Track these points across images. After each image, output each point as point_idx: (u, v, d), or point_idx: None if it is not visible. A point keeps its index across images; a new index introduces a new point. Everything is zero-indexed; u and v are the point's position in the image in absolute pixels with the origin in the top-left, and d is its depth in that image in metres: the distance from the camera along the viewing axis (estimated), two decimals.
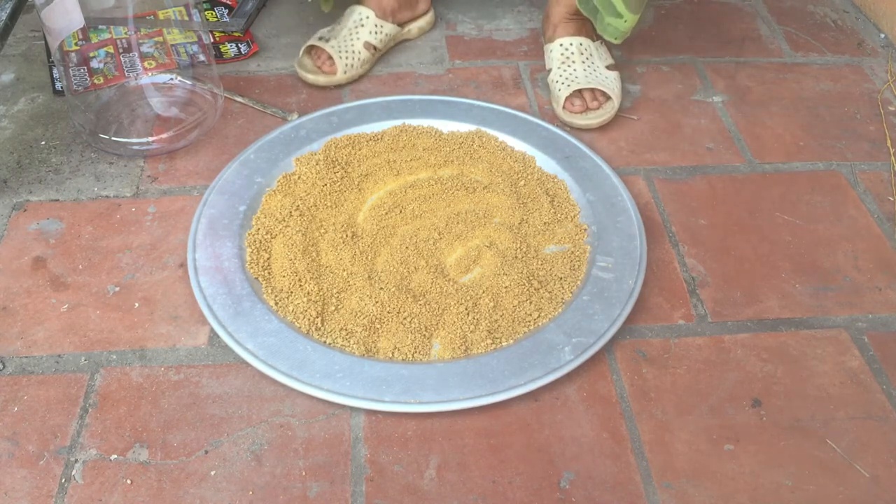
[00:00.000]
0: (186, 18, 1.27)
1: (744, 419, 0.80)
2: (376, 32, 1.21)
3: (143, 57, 1.19)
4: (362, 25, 1.20)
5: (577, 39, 1.15)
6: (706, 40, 1.33)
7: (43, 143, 1.09)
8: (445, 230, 0.96)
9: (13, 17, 1.06)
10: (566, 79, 1.13)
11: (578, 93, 1.13)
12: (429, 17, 1.32)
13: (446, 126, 1.11)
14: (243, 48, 1.25)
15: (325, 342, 0.84)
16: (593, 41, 1.16)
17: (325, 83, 1.17)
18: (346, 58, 1.17)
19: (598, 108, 1.12)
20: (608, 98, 1.13)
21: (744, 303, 0.91)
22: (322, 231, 0.95)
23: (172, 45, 1.21)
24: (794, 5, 1.43)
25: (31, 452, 0.75)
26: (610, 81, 1.13)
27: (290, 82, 1.20)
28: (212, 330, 0.86)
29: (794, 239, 0.99)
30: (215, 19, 1.30)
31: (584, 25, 1.17)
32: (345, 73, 1.18)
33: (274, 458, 0.76)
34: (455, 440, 0.77)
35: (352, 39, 1.19)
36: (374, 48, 1.22)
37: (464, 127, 1.10)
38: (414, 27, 1.29)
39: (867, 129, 1.16)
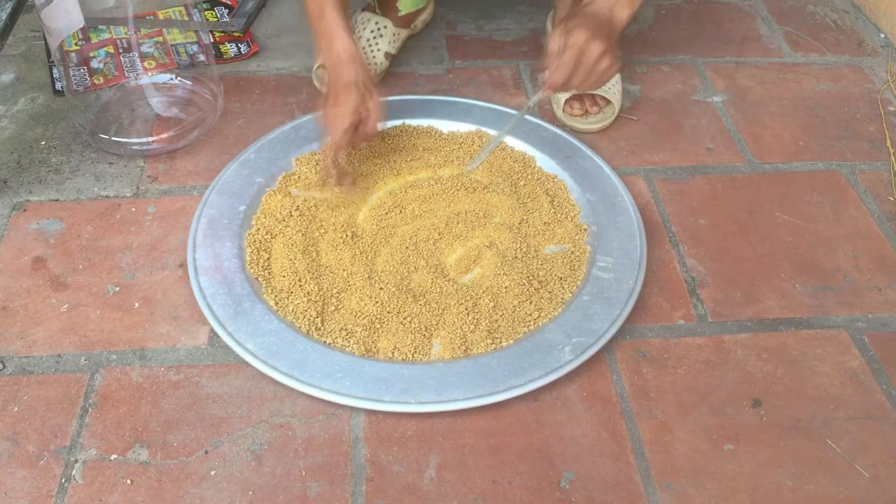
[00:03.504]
0: (186, 18, 1.27)
1: (744, 419, 0.80)
2: (394, 41, 1.21)
3: (143, 57, 1.19)
4: (381, 36, 1.19)
5: None
6: (706, 40, 1.33)
7: (43, 143, 1.09)
8: (445, 230, 0.96)
9: (13, 17, 1.06)
10: None
11: (578, 96, 1.13)
12: (430, 9, 1.32)
13: (446, 126, 1.11)
14: (243, 48, 1.25)
15: (325, 342, 0.84)
16: None
17: None
18: (370, 71, 1.16)
19: (598, 113, 1.12)
20: (608, 102, 1.13)
21: (744, 303, 0.91)
22: (322, 231, 0.95)
23: (172, 45, 1.21)
24: (794, 5, 1.43)
25: (31, 452, 0.75)
26: (611, 86, 1.13)
27: (290, 82, 1.20)
28: (212, 330, 0.86)
29: (794, 239, 0.99)
30: (215, 19, 1.30)
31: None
32: None
33: (274, 458, 0.76)
34: (455, 440, 0.77)
35: (372, 51, 1.18)
36: (392, 56, 1.22)
37: (464, 127, 1.10)
38: (419, 21, 1.29)
39: (867, 129, 1.16)
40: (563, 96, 1.12)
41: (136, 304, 0.89)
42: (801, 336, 0.88)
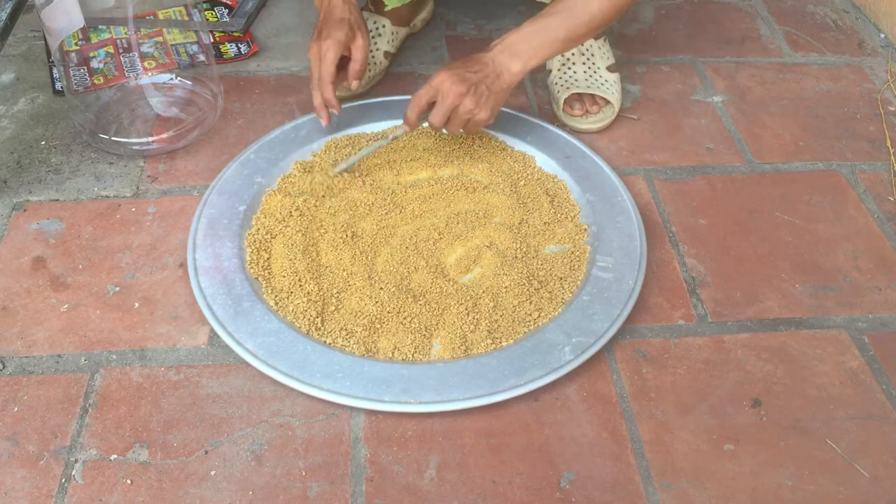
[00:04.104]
0: (186, 18, 1.27)
1: (744, 419, 0.80)
2: (392, 40, 1.21)
3: (143, 57, 1.19)
4: (380, 35, 1.19)
5: None
6: (706, 40, 1.33)
7: (43, 143, 1.09)
8: (445, 230, 0.96)
9: (13, 17, 1.06)
10: (566, 81, 1.13)
11: (578, 96, 1.13)
12: (430, 7, 1.32)
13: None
14: (243, 48, 1.25)
15: (325, 342, 0.84)
16: (596, 40, 1.15)
17: (347, 96, 1.15)
18: (369, 70, 1.16)
19: (598, 112, 1.12)
20: (608, 102, 1.13)
21: (744, 303, 0.91)
22: (322, 231, 0.95)
23: (172, 45, 1.21)
24: (794, 5, 1.43)
25: (31, 452, 0.75)
26: (609, 85, 1.12)
27: (289, 82, 1.20)
28: (212, 330, 0.86)
29: (794, 239, 0.99)
30: (215, 19, 1.30)
31: None
32: (367, 84, 1.17)
33: (274, 458, 0.76)
34: (455, 440, 0.77)
35: (371, 51, 1.18)
36: (392, 55, 1.22)
37: None
38: (418, 20, 1.29)
39: (867, 129, 1.16)
40: (563, 96, 1.12)
41: (136, 304, 0.89)
42: (801, 336, 0.88)
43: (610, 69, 1.15)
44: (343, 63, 1.00)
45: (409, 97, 1.14)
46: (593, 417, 0.80)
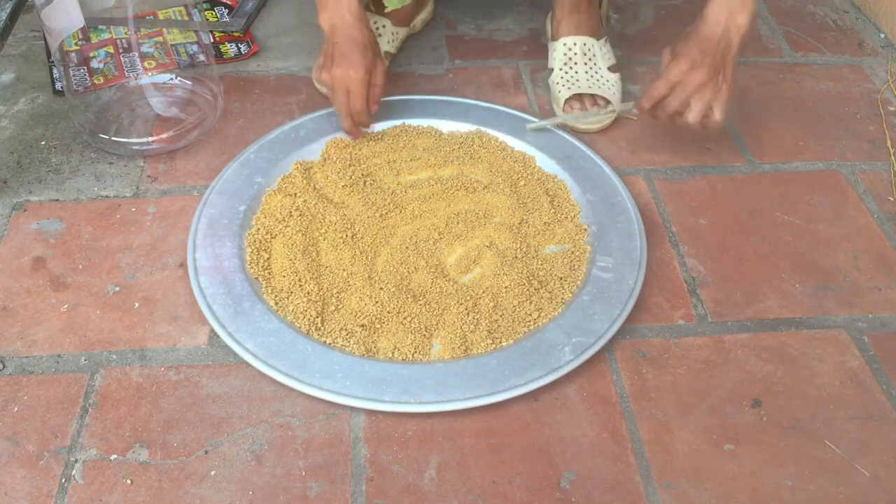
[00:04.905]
0: (186, 18, 1.27)
1: (744, 419, 0.80)
2: (393, 40, 1.21)
3: (143, 57, 1.19)
4: (380, 35, 1.19)
5: (580, 39, 1.15)
6: None
7: (43, 143, 1.09)
8: (445, 230, 0.96)
9: (13, 17, 1.06)
10: (567, 81, 1.13)
11: (578, 96, 1.13)
12: (430, 7, 1.32)
13: (446, 126, 1.10)
14: (243, 48, 1.25)
15: (325, 342, 0.84)
16: (597, 39, 1.16)
17: None
18: None
19: (598, 113, 1.12)
20: (608, 102, 1.13)
21: (744, 303, 0.91)
22: (322, 231, 0.95)
23: (172, 45, 1.21)
24: (794, 5, 1.43)
25: (31, 452, 0.75)
26: (611, 85, 1.13)
27: (289, 82, 1.20)
28: (212, 330, 0.86)
29: (794, 239, 0.99)
30: (215, 19, 1.30)
31: (589, 22, 1.16)
32: None
33: (274, 458, 0.76)
34: (455, 440, 0.77)
35: None
36: (392, 55, 1.22)
37: (464, 127, 1.10)
38: (418, 21, 1.29)
39: (867, 129, 1.16)
40: (565, 96, 1.12)
41: (136, 304, 0.89)
42: (801, 336, 0.88)
43: (611, 69, 1.15)
44: None
45: (408, 97, 1.15)
46: (593, 417, 0.80)
